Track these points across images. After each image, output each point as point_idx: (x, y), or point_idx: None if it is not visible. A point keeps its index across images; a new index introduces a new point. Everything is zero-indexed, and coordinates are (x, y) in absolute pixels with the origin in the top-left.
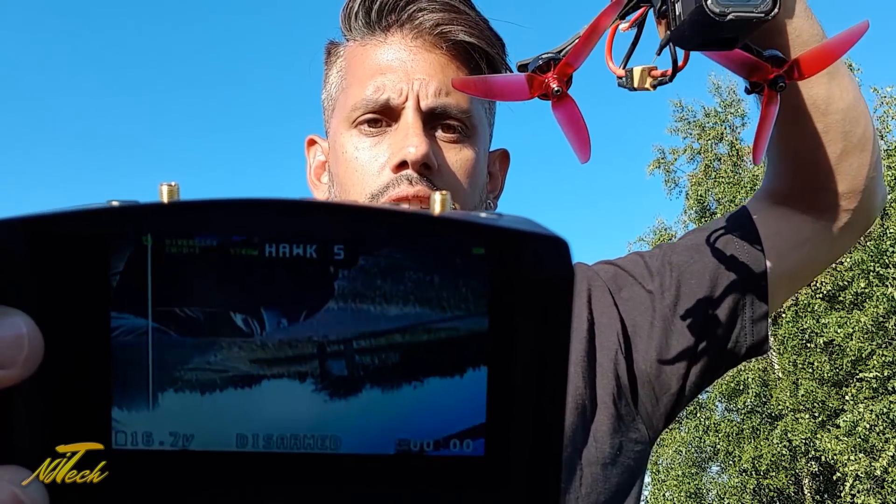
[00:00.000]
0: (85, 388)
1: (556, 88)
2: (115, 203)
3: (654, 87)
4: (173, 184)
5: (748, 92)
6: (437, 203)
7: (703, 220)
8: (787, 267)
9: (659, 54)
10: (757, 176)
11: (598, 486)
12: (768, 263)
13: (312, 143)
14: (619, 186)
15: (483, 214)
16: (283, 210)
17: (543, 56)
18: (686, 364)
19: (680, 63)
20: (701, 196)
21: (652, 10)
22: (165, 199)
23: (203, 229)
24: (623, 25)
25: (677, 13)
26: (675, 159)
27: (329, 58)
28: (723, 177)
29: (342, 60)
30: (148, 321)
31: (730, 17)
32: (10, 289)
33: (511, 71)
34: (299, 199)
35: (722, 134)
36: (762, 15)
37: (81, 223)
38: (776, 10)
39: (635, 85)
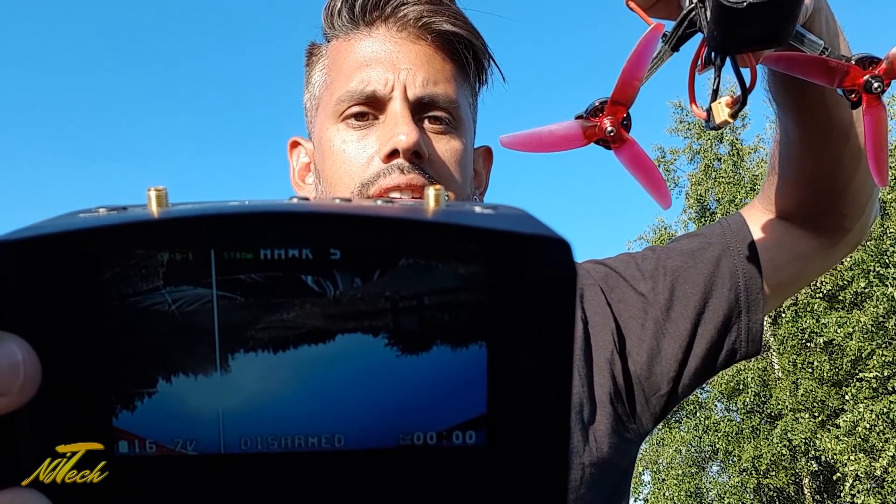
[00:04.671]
0: (84, 398)
1: (609, 129)
2: (102, 210)
3: (734, 116)
4: (161, 188)
5: (853, 106)
6: (432, 199)
7: (703, 219)
8: (782, 278)
9: (708, 69)
10: (757, 176)
11: (597, 486)
12: (765, 274)
13: (296, 144)
14: (619, 184)
15: (478, 209)
16: (287, 218)
17: (597, 100)
18: (677, 367)
19: (748, 84)
20: (701, 196)
21: (702, 34)
22: (154, 206)
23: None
24: (698, 67)
25: (707, 20)
26: (675, 159)
27: (311, 59)
28: (723, 177)
29: (325, 59)
30: (212, 290)
31: (747, 1)
32: (3, 311)
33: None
34: (292, 203)
35: (722, 134)
36: None
37: (74, 243)
38: None
39: (716, 122)
